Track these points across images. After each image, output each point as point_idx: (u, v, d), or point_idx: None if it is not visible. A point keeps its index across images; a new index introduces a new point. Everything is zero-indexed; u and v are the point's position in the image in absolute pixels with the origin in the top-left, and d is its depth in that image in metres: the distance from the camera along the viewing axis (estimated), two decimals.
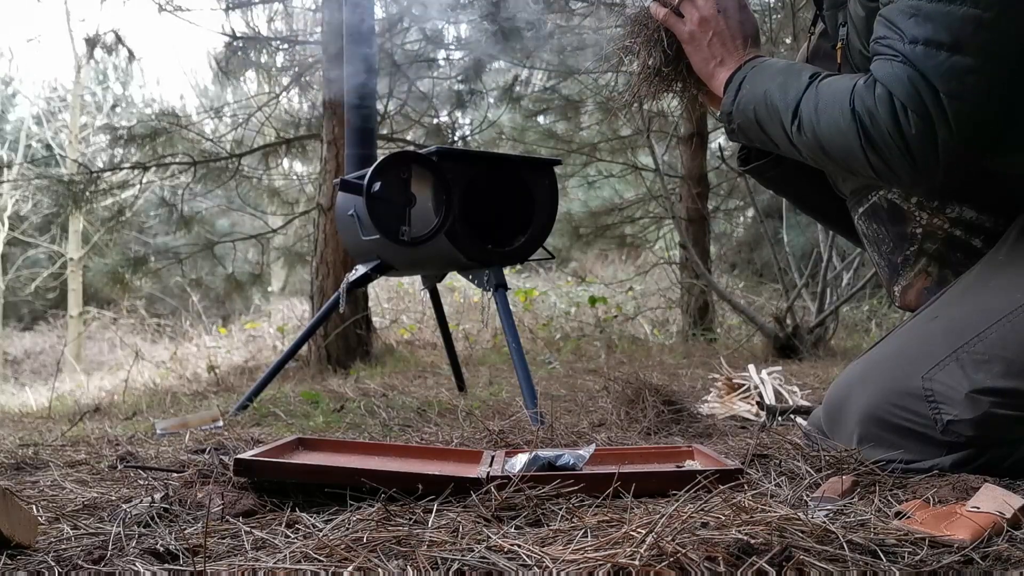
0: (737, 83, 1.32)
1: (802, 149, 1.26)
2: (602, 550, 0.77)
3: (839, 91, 1.22)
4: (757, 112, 1.30)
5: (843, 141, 1.19)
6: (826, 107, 1.22)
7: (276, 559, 0.80)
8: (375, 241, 2.30)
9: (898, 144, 1.14)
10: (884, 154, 1.16)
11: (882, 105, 1.15)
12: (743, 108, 1.31)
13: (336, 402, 2.55)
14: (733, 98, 1.32)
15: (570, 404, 2.38)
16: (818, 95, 1.24)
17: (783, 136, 1.27)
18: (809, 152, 1.26)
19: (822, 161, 1.27)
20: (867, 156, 1.17)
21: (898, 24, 1.14)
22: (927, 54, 1.11)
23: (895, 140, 1.14)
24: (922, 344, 1.21)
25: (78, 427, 2.26)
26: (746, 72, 1.33)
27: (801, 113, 1.24)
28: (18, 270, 14.31)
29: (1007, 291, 1.16)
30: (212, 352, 6.62)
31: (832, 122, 1.20)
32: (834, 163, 1.25)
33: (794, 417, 1.87)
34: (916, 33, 1.12)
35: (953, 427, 1.12)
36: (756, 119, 1.30)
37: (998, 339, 1.12)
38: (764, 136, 1.32)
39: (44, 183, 7.25)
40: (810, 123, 1.23)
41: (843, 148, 1.20)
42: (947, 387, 1.13)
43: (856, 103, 1.18)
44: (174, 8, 5.13)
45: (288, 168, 7.07)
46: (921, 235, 1.34)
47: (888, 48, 1.16)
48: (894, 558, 0.76)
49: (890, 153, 1.15)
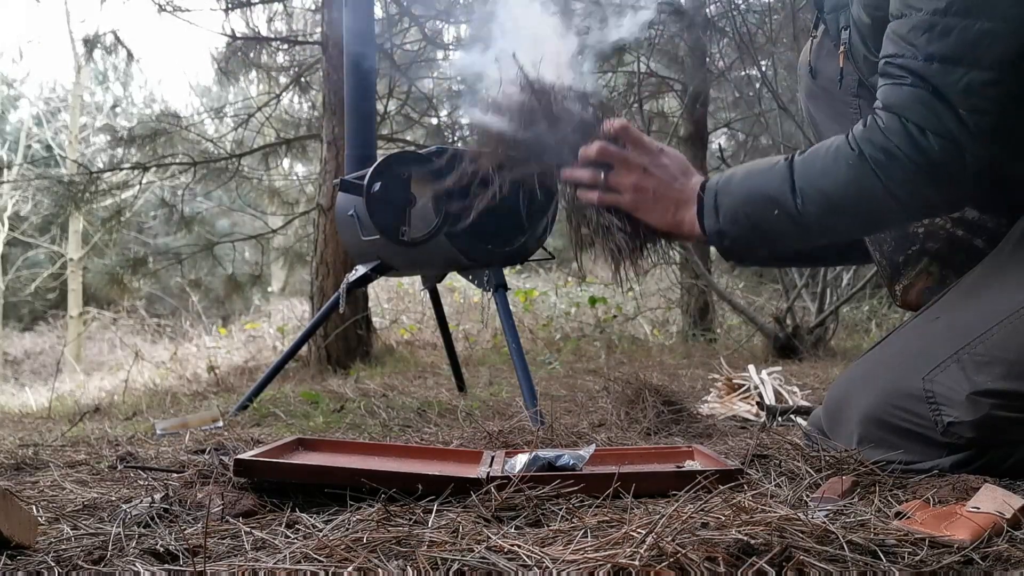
0: (711, 205, 1.28)
1: (814, 225, 1.22)
2: (602, 550, 0.77)
3: (833, 149, 1.19)
4: (749, 216, 1.25)
5: (861, 191, 1.16)
6: (827, 168, 1.18)
7: (276, 559, 0.80)
8: (375, 241, 2.30)
9: (924, 169, 1.11)
10: (911, 185, 1.13)
11: (895, 136, 1.12)
12: (731, 220, 1.26)
13: (336, 402, 2.55)
14: (715, 218, 1.27)
15: (570, 404, 2.38)
16: (810, 164, 1.21)
17: (788, 223, 1.22)
18: (823, 222, 1.21)
19: (840, 225, 1.23)
20: (893, 193, 1.14)
21: (911, 41, 1.11)
22: (944, 71, 1.08)
23: (920, 165, 1.11)
24: (923, 345, 1.20)
25: (78, 427, 2.26)
26: (713, 192, 1.29)
27: (800, 189, 1.20)
28: (18, 270, 14.32)
29: (1009, 292, 1.16)
30: (212, 352, 6.62)
31: (842, 178, 1.17)
32: (855, 221, 1.22)
33: (794, 417, 1.87)
34: (932, 50, 1.09)
35: (953, 429, 1.11)
36: (751, 222, 1.25)
37: (999, 341, 1.11)
38: (765, 236, 1.27)
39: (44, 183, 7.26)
40: (816, 191, 1.19)
41: (863, 198, 1.16)
42: (948, 389, 1.12)
43: (863, 147, 1.15)
44: (174, 8, 5.13)
45: (288, 168, 7.08)
46: (923, 235, 1.34)
47: (898, 69, 1.13)
48: (894, 558, 0.76)
49: (918, 181, 1.12)
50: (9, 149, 14.06)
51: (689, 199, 1.31)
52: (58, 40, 32.44)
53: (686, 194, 1.32)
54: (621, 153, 1.33)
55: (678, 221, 1.32)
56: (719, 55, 5.75)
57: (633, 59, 5.87)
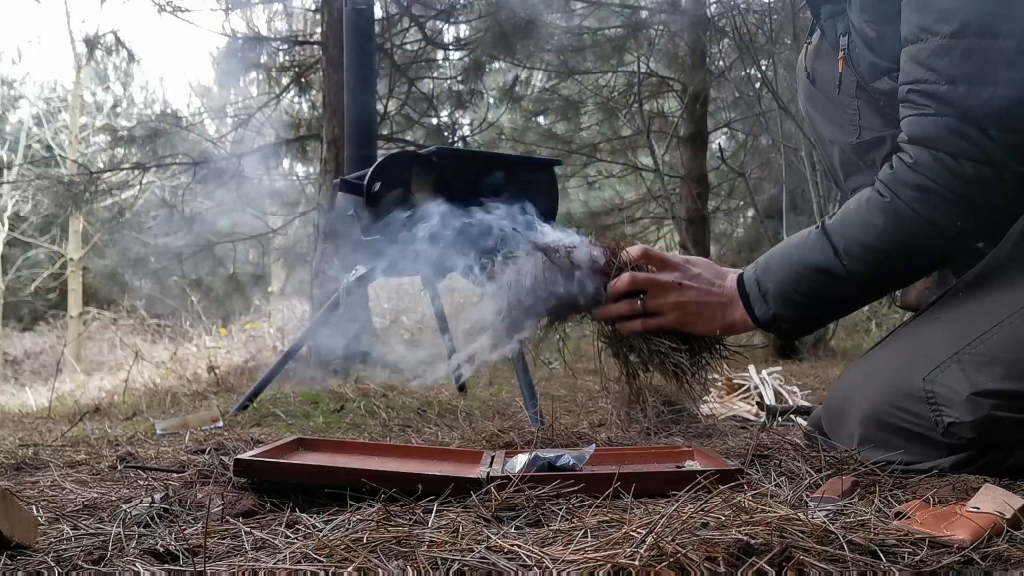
0: (757, 295, 1.28)
1: (867, 282, 1.21)
2: (602, 550, 0.77)
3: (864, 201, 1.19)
4: (799, 289, 1.25)
5: (903, 234, 1.15)
6: (863, 222, 1.18)
7: (276, 559, 0.80)
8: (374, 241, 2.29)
9: (965, 196, 1.11)
10: (956, 215, 1.12)
11: (928, 170, 1.11)
12: (783, 303, 1.26)
13: (336, 402, 2.55)
14: (766, 305, 1.27)
15: (570, 404, 2.38)
16: (845, 223, 1.20)
17: (841, 287, 1.22)
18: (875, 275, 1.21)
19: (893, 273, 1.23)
20: (938, 228, 1.13)
21: (932, 66, 1.10)
22: (970, 93, 1.08)
23: (959, 194, 1.10)
24: (923, 345, 1.20)
25: (78, 427, 2.26)
26: (754, 281, 1.29)
27: (845, 249, 1.19)
28: (18, 270, 14.32)
29: (1009, 293, 1.15)
30: (212, 352, 6.62)
31: (883, 226, 1.16)
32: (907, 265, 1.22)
33: (794, 417, 1.87)
34: (955, 73, 1.08)
35: (954, 429, 1.11)
36: (803, 297, 1.25)
37: (1000, 341, 1.11)
38: (821, 305, 1.27)
39: (44, 183, 7.26)
40: (859, 247, 1.18)
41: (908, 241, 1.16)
42: (948, 389, 1.12)
43: (895, 190, 1.14)
44: (174, 8, 5.13)
45: (288, 168, 7.07)
46: None
47: (921, 96, 1.12)
48: (894, 558, 0.76)
49: (960, 210, 1.12)
50: (9, 149, 14.05)
51: (732, 298, 1.31)
52: (58, 40, 32.45)
53: (727, 295, 1.32)
54: (651, 277, 1.33)
55: (729, 324, 1.32)
56: (719, 55, 5.75)
57: (633, 59, 5.87)
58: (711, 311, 1.32)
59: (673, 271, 1.34)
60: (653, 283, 1.33)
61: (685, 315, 1.33)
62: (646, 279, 1.33)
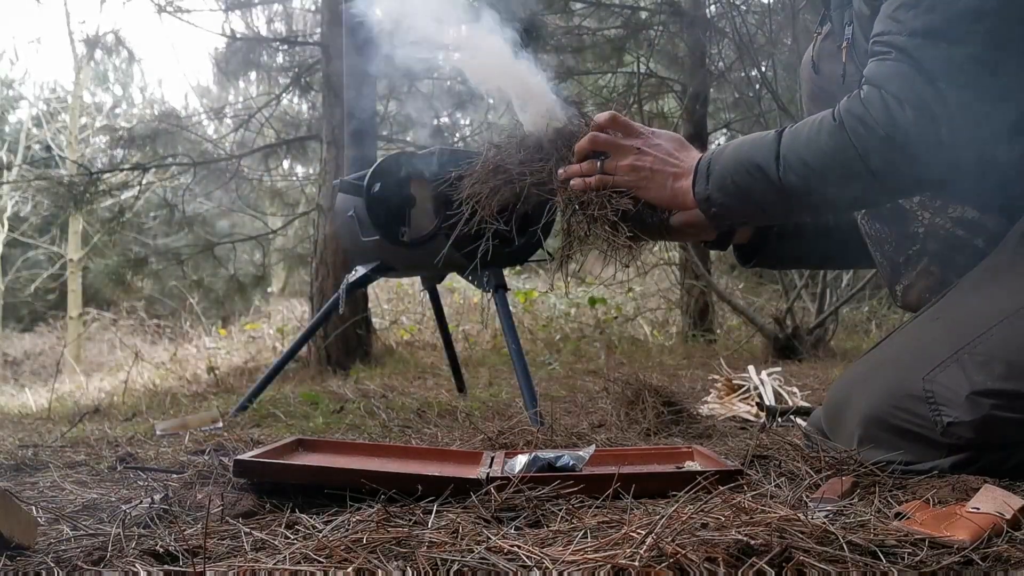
0: (704, 172, 1.31)
1: (793, 193, 1.23)
2: (602, 551, 0.77)
3: (818, 120, 1.21)
4: (736, 180, 1.27)
5: (838, 160, 1.17)
6: (810, 137, 1.20)
7: (276, 560, 0.80)
8: (375, 242, 2.30)
9: (899, 140, 1.12)
10: (886, 156, 1.13)
11: (873, 107, 1.13)
12: (719, 187, 1.29)
13: (336, 403, 2.55)
14: (706, 183, 1.30)
15: (570, 405, 2.38)
16: (796, 134, 1.23)
17: (771, 190, 1.24)
18: (801, 189, 1.22)
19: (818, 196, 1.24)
20: (867, 164, 1.15)
21: (898, 18, 1.14)
22: (927, 45, 1.10)
23: (894, 137, 1.12)
24: (923, 346, 1.20)
25: (78, 428, 2.26)
26: (707, 160, 1.32)
27: (784, 156, 1.22)
28: (18, 271, 14.31)
29: (1009, 293, 1.15)
30: (212, 353, 6.62)
31: (821, 146, 1.19)
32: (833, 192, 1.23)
33: (794, 418, 1.87)
34: (916, 25, 1.11)
35: (953, 429, 1.11)
36: (736, 187, 1.27)
37: (999, 340, 1.11)
38: (749, 201, 1.29)
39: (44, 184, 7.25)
40: (797, 159, 1.21)
41: (841, 167, 1.17)
42: (948, 389, 1.12)
43: (844, 117, 1.17)
44: (174, 9, 5.13)
45: (288, 169, 7.08)
46: (923, 235, 1.34)
47: (884, 45, 1.15)
48: (894, 559, 0.76)
49: (891, 152, 1.13)
50: (9, 150, 14.05)
51: (687, 171, 1.34)
52: (58, 40, 32.46)
53: (683, 167, 1.35)
54: (612, 139, 1.37)
55: (674, 191, 1.35)
56: (719, 56, 5.76)
57: (633, 60, 5.87)
58: (662, 178, 1.35)
59: (636, 138, 1.37)
60: (613, 144, 1.37)
61: (638, 178, 1.36)
62: (606, 140, 1.37)
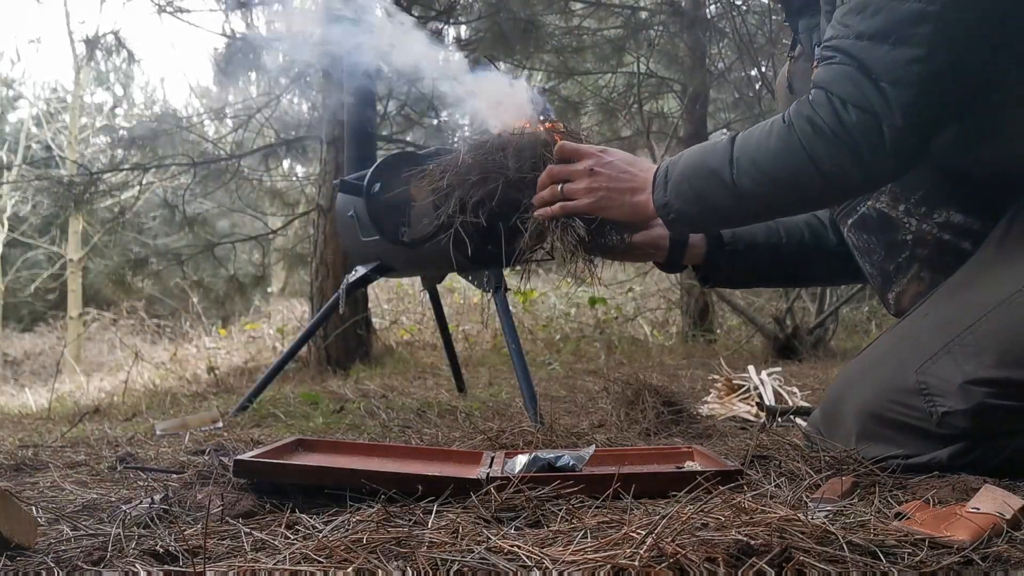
0: (661, 181, 1.34)
1: (748, 196, 1.26)
2: (602, 551, 0.77)
3: (769, 123, 1.25)
4: (692, 185, 1.30)
5: (788, 162, 1.20)
6: (761, 140, 1.24)
7: (276, 560, 0.80)
8: (375, 242, 2.29)
9: (844, 140, 1.15)
10: (834, 156, 1.17)
11: (820, 108, 1.17)
12: (676, 193, 1.32)
13: (336, 403, 2.55)
14: (664, 191, 1.33)
15: (570, 405, 2.38)
16: (748, 137, 1.26)
17: (726, 194, 1.27)
18: (756, 194, 1.25)
19: (772, 198, 1.27)
20: (817, 165, 1.18)
21: (846, 23, 1.17)
22: (871, 47, 1.13)
23: (840, 137, 1.15)
24: (915, 340, 1.23)
25: (78, 428, 2.26)
26: (664, 168, 1.35)
27: (738, 159, 1.25)
28: (18, 271, 14.31)
29: (995, 285, 1.18)
30: (212, 353, 6.62)
31: (773, 149, 1.22)
32: (786, 193, 1.26)
33: (794, 418, 1.87)
34: (862, 28, 1.14)
35: (948, 419, 1.13)
36: (693, 192, 1.31)
37: (988, 330, 1.14)
38: (705, 207, 1.31)
39: (44, 184, 7.25)
40: (749, 162, 1.24)
41: (791, 169, 1.21)
42: (940, 380, 1.14)
43: (793, 119, 1.20)
44: (174, 9, 5.13)
45: (288, 169, 7.07)
46: (912, 241, 1.36)
47: (831, 49, 1.19)
48: (894, 559, 0.76)
49: (838, 153, 1.16)
50: (9, 150, 14.04)
51: (643, 183, 1.38)
52: (58, 40, 32.46)
53: (639, 180, 1.39)
54: (564, 168, 1.44)
55: (635, 204, 1.39)
56: (719, 55, 5.76)
57: (633, 60, 5.87)
58: (620, 195, 1.39)
59: (587, 160, 1.43)
60: (567, 172, 1.44)
61: (597, 199, 1.41)
62: (560, 170, 1.45)
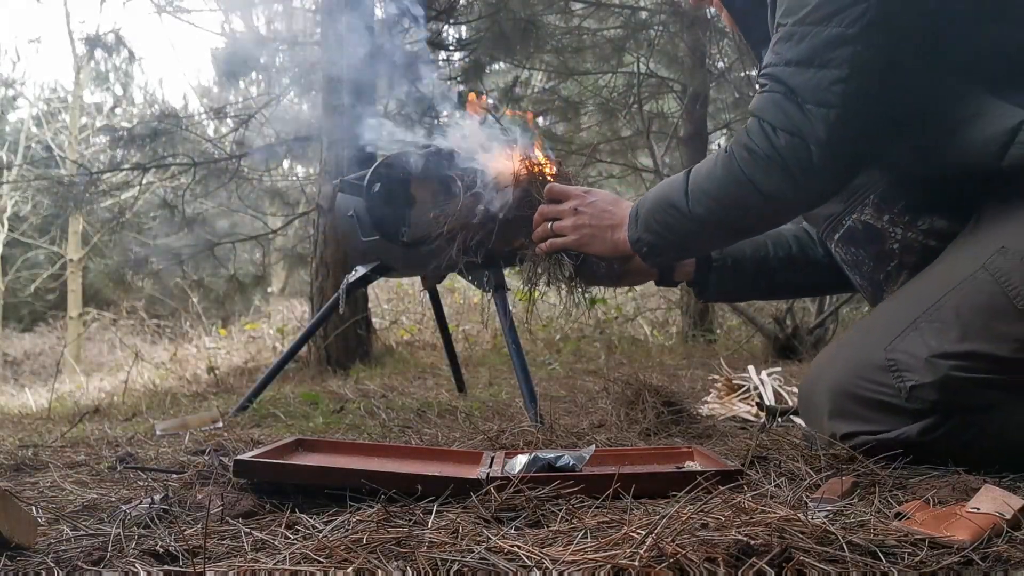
0: (634, 217, 1.46)
1: (704, 222, 1.36)
2: (602, 551, 0.77)
3: (715, 154, 1.35)
4: (657, 219, 1.41)
5: (732, 188, 1.30)
6: (710, 171, 1.34)
7: (276, 560, 0.80)
8: (375, 242, 2.29)
9: (777, 163, 1.24)
10: (771, 178, 1.25)
11: (754, 136, 1.26)
12: (645, 228, 1.43)
13: (336, 403, 2.55)
14: (635, 227, 1.45)
15: (570, 405, 2.38)
16: (699, 169, 1.37)
17: (686, 223, 1.37)
18: (710, 218, 1.35)
19: (723, 222, 1.37)
20: (758, 188, 1.27)
21: (777, 51, 1.25)
22: (797, 72, 1.21)
23: (773, 160, 1.24)
24: (884, 321, 1.28)
25: (78, 428, 2.26)
26: (636, 207, 1.47)
27: (691, 191, 1.36)
28: (18, 271, 14.32)
29: (958, 265, 1.23)
30: (212, 353, 6.62)
31: (719, 177, 1.32)
32: (736, 216, 1.35)
33: (794, 418, 1.87)
34: (790, 56, 1.22)
35: (917, 392, 1.18)
36: (659, 225, 1.41)
37: (952, 307, 1.19)
38: (671, 237, 1.42)
39: (44, 184, 7.26)
40: (700, 191, 1.34)
41: (737, 194, 1.30)
42: (908, 355, 1.19)
43: (733, 147, 1.30)
44: (174, 9, 5.13)
45: (288, 169, 7.07)
46: (899, 250, 1.38)
47: (765, 77, 1.27)
48: (894, 559, 0.76)
49: (774, 174, 1.25)
50: (9, 150, 14.04)
51: (621, 221, 1.50)
52: (58, 40, 32.45)
53: (617, 218, 1.51)
54: (553, 208, 1.59)
55: (615, 241, 1.52)
56: (719, 55, 5.76)
57: (633, 60, 5.87)
58: (602, 232, 1.53)
59: (572, 200, 1.57)
60: (555, 212, 1.59)
61: (581, 236, 1.55)
62: (549, 209, 1.60)
